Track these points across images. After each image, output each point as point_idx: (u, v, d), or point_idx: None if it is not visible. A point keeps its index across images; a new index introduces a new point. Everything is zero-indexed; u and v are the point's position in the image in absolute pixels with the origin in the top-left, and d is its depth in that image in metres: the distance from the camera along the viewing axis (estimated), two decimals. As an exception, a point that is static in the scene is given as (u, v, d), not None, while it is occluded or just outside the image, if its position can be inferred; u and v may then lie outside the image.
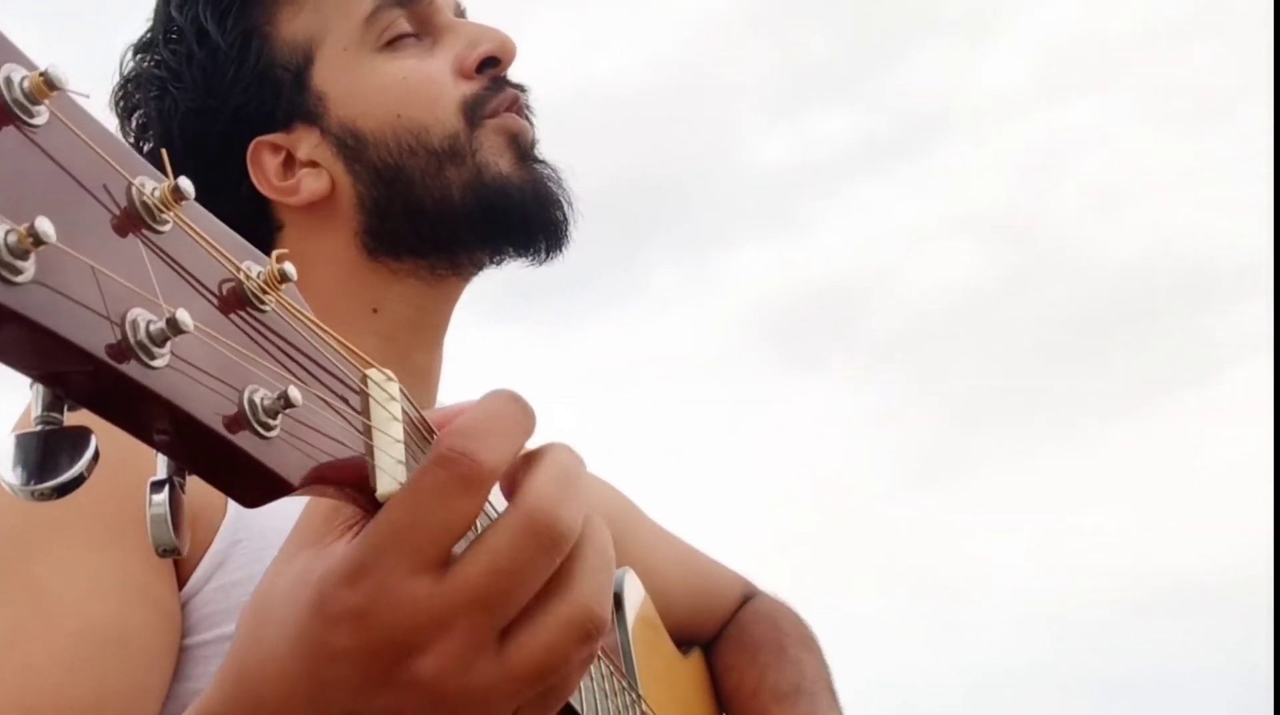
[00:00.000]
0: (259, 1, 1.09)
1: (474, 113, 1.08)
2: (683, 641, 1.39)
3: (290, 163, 1.09)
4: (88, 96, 0.39)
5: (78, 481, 0.39)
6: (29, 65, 0.37)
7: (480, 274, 1.14)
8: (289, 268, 0.49)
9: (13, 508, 0.87)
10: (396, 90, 1.07)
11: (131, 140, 1.13)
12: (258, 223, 1.09)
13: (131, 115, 1.13)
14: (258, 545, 0.91)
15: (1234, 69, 4.06)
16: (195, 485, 0.47)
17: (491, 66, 1.10)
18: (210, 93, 1.08)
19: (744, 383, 4.55)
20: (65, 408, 0.40)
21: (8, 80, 0.36)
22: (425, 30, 1.11)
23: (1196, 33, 4.22)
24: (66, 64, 0.37)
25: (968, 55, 4.55)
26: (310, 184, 1.08)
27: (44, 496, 0.39)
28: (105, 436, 0.42)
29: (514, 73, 1.13)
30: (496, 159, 1.08)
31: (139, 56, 1.13)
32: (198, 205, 0.46)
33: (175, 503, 0.44)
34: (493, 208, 1.07)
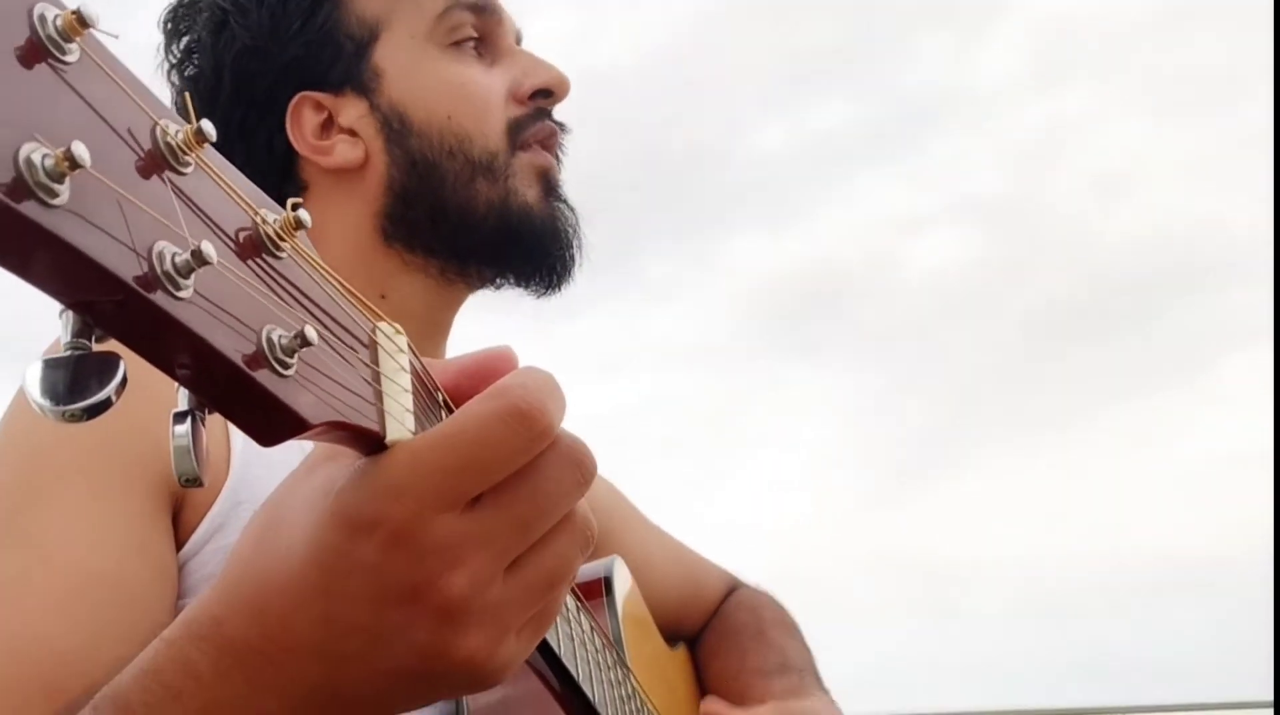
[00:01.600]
0: None
1: (515, 136, 1.12)
2: (669, 636, 1.40)
3: (329, 125, 1.11)
4: (116, 37, 0.40)
5: (105, 405, 0.41)
6: (60, 4, 0.39)
7: (482, 289, 1.17)
8: (304, 214, 0.50)
9: (18, 458, 0.90)
10: (453, 93, 1.10)
11: (174, 61, 1.15)
12: (284, 179, 1.12)
13: (182, 37, 1.15)
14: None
15: (1233, 57, 4.07)
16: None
17: (543, 97, 1.15)
18: (272, 36, 1.10)
19: (740, 370, 4.57)
20: (94, 337, 0.41)
21: (41, 18, 0.37)
22: (487, 44, 1.15)
23: (1195, 20, 4.24)
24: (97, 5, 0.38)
25: (965, 44, 4.56)
26: (345, 151, 1.10)
27: (74, 417, 0.40)
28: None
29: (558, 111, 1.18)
30: (526, 188, 1.11)
31: None
32: (216, 152, 0.47)
33: (196, 435, 0.46)
34: (511, 231, 1.11)
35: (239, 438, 0.96)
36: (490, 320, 1.25)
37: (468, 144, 1.09)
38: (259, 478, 0.92)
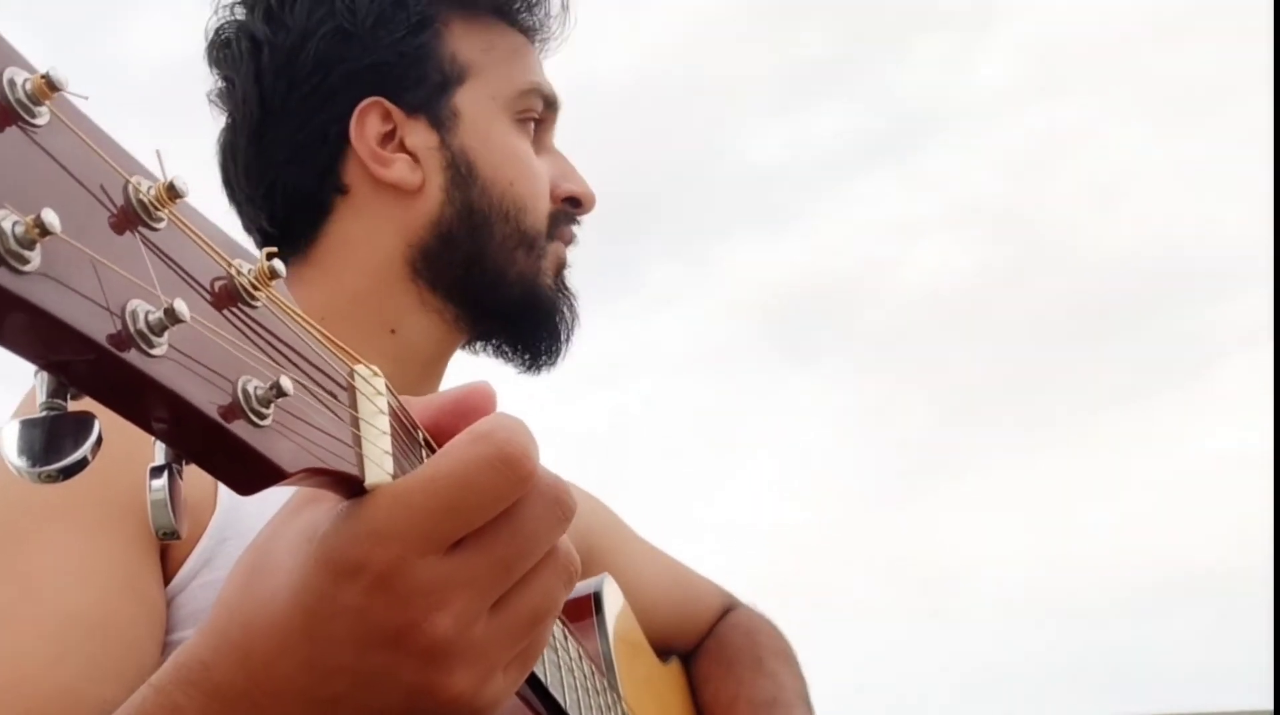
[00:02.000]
0: (443, 4, 1.15)
1: (551, 227, 1.18)
2: (662, 652, 1.41)
3: (391, 138, 1.13)
4: (86, 98, 0.40)
5: (81, 464, 0.41)
6: (30, 68, 0.39)
7: (474, 347, 1.22)
8: (278, 264, 0.50)
9: (4, 498, 0.89)
10: (520, 166, 1.15)
11: (259, 13, 1.14)
12: (327, 170, 1.13)
13: (256, 15, 1.14)
14: (244, 545, 0.92)
15: (1231, 63, 4.07)
16: (184, 484, 0.49)
17: (573, 205, 1.20)
18: (372, 32, 1.12)
19: (740, 378, 4.57)
20: (69, 395, 0.42)
21: (10, 82, 0.38)
22: (539, 133, 1.20)
23: (1193, 27, 4.24)
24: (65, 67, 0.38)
25: (963, 51, 4.57)
26: (404, 170, 1.12)
27: (50, 478, 0.41)
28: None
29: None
30: (548, 272, 1.17)
31: None
32: (191, 205, 0.48)
33: (174, 488, 0.46)
34: (530, 304, 1.17)
35: None
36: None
37: (522, 215, 1.14)
38: (247, 514, 0.92)
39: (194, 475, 0.48)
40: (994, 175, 4.57)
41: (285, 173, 1.14)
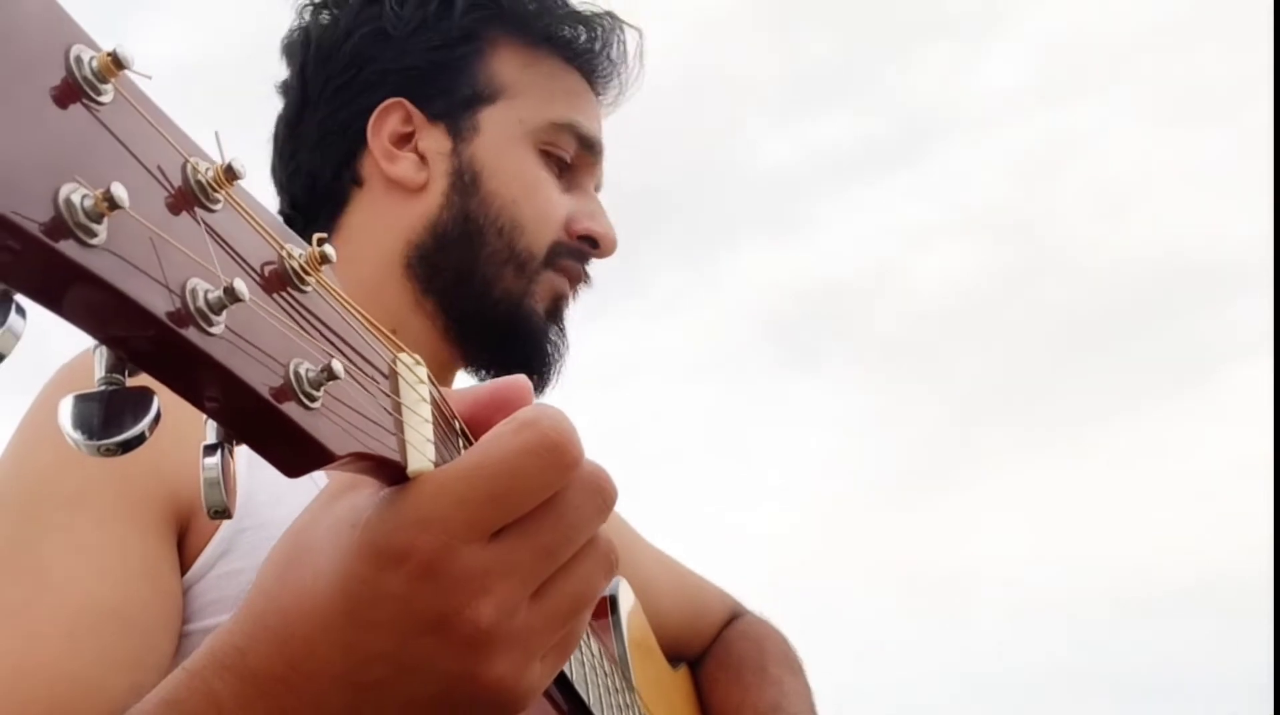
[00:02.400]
0: (494, 25, 1.17)
1: (553, 256, 1.16)
2: (671, 657, 1.41)
3: (408, 139, 1.15)
4: (150, 78, 0.41)
5: (140, 439, 0.41)
6: (95, 46, 0.39)
7: (455, 367, 1.20)
8: (329, 250, 0.51)
9: (22, 487, 0.90)
10: (528, 187, 1.15)
11: (313, 6, 1.18)
12: (345, 162, 1.16)
13: (319, 13, 1.18)
14: (263, 535, 0.93)
15: (1234, 69, 4.08)
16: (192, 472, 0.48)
17: (590, 245, 1.18)
18: (412, 34, 1.15)
19: (746, 383, 4.57)
20: (126, 371, 0.42)
21: (78, 59, 0.38)
22: (572, 173, 1.19)
23: (1197, 32, 4.24)
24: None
25: (970, 56, 4.57)
26: (408, 168, 1.14)
27: (109, 452, 0.41)
28: None
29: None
30: (540, 301, 1.16)
31: None
32: (245, 188, 0.48)
33: (225, 467, 0.46)
34: (511, 327, 1.15)
35: (242, 463, 0.98)
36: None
37: (517, 233, 1.13)
38: (263, 504, 0.92)
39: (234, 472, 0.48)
40: (1001, 180, 4.58)
41: (309, 159, 1.17)
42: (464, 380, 1.23)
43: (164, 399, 0.44)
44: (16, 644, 0.81)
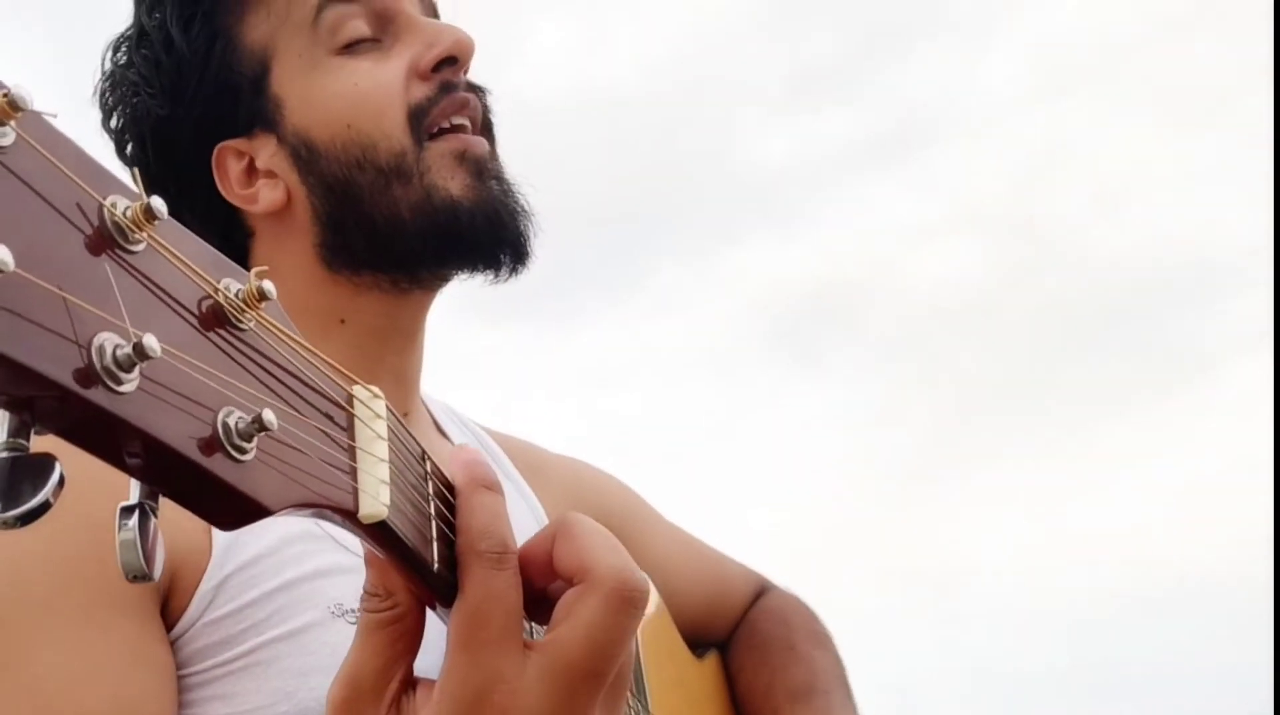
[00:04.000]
0: (226, 7, 1.06)
1: (418, 123, 1.04)
2: (697, 643, 1.36)
3: (252, 170, 1.07)
4: (55, 115, 0.38)
5: (43, 508, 0.38)
6: (-8, 85, 0.36)
7: (447, 286, 1.11)
8: (268, 285, 0.47)
9: None
10: (348, 98, 1.04)
11: (114, 138, 1.11)
12: (231, 229, 1.08)
13: (112, 115, 1.11)
14: (247, 574, 0.91)
15: (1234, 66, 4.04)
16: (180, 530, 0.46)
17: (449, 65, 1.06)
18: (176, 100, 1.06)
19: (746, 380, 4.54)
20: (31, 433, 0.39)
21: (-31, 102, 0.35)
22: (386, 31, 1.07)
23: (1196, 30, 4.21)
24: (35, 79, 0.36)
25: (968, 53, 4.54)
26: (267, 194, 1.06)
27: (7, 525, 0.38)
28: (82, 498, 0.40)
29: (476, 73, 1.10)
30: (446, 182, 1.04)
31: (116, 56, 1.11)
32: (174, 223, 0.45)
33: (145, 528, 0.43)
34: (443, 230, 1.04)
35: None
36: (497, 334, 1.23)
37: (373, 152, 1.03)
38: (245, 545, 0.90)
39: (187, 520, 0.46)
40: (1000, 178, 4.54)
41: None
42: (470, 336, 1.18)
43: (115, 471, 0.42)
44: None
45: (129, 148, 1.11)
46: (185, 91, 1.06)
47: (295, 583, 0.92)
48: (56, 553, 0.85)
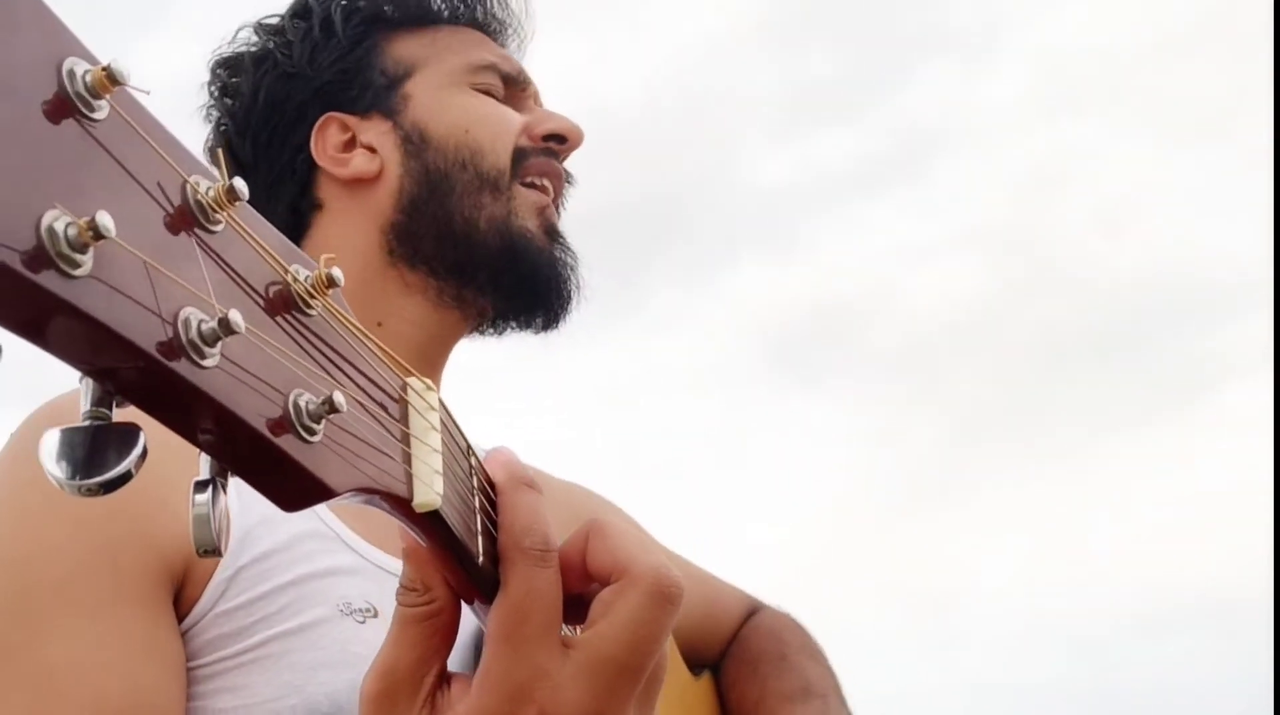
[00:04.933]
0: (378, 25, 1.19)
1: (518, 163, 1.14)
2: (690, 664, 1.36)
3: (351, 144, 1.15)
4: (148, 93, 0.38)
5: (125, 478, 0.38)
6: (91, 59, 0.37)
7: (479, 326, 1.17)
8: (336, 272, 0.48)
9: (10, 582, 0.87)
10: (473, 112, 1.15)
11: (215, 96, 1.21)
12: (301, 196, 1.16)
13: (229, 77, 1.20)
14: (260, 567, 0.92)
15: (1234, 85, 4.07)
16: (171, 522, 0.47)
17: (556, 142, 1.18)
18: (310, 64, 1.16)
19: (744, 400, 4.55)
20: (114, 403, 0.39)
21: (70, 73, 0.36)
22: (513, 99, 1.20)
23: (1196, 49, 4.24)
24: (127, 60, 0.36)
25: (968, 73, 4.57)
26: (361, 162, 1.14)
27: (90, 492, 0.38)
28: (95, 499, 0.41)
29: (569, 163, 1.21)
30: (526, 218, 1.13)
31: (262, 35, 1.21)
32: (249, 207, 0.45)
33: (215, 504, 0.43)
34: (511, 252, 1.13)
35: (234, 502, 0.98)
36: (498, 348, 1.24)
37: (479, 157, 1.12)
38: (259, 539, 0.92)
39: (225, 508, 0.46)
40: (1000, 198, 4.56)
41: (266, 213, 1.15)
42: (469, 353, 1.20)
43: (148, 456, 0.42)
44: None
45: (228, 102, 1.19)
46: (320, 60, 1.16)
47: (306, 579, 0.93)
48: (74, 543, 0.86)
